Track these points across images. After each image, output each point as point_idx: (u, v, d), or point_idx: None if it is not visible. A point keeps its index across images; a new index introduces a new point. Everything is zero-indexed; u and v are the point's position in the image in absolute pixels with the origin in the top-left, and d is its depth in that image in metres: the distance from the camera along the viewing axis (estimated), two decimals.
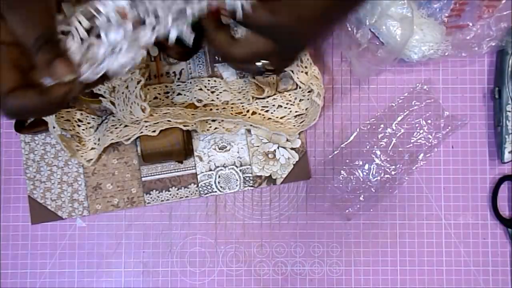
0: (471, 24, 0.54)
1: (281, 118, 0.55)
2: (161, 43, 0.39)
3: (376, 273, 0.56)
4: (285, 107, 0.55)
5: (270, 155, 0.55)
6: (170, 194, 0.56)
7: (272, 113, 0.55)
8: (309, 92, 0.54)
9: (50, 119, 0.51)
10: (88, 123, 0.54)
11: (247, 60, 0.43)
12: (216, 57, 0.55)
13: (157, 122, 0.51)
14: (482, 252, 0.56)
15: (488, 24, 0.53)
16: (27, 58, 0.35)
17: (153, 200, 0.56)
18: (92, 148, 0.55)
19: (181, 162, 0.56)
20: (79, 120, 0.54)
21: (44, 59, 0.35)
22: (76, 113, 0.54)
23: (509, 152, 0.55)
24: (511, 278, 0.55)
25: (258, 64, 0.43)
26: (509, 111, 0.55)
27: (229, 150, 0.55)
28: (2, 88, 0.34)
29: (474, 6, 0.54)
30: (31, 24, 0.34)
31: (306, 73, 0.53)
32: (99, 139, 0.54)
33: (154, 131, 0.51)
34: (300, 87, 0.54)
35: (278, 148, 0.55)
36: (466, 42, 0.54)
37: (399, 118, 0.56)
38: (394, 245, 0.56)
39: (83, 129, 0.54)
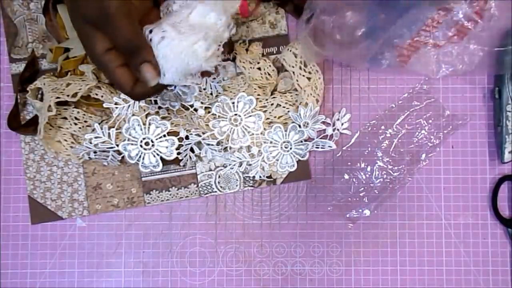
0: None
1: (278, 118, 0.55)
2: None
3: (376, 273, 0.56)
4: (284, 107, 0.55)
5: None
6: (170, 194, 0.56)
7: (270, 112, 0.55)
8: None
9: (40, 123, 0.51)
10: (85, 121, 0.54)
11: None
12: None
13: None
14: (482, 252, 0.56)
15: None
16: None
17: (153, 200, 0.56)
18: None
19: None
20: (76, 118, 0.54)
21: (133, 62, 0.42)
22: (73, 111, 0.54)
23: (509, 152, 0.55)
24: (511, 278, 0.55)
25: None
26: (509, 111, 0.55)
27: (228, 150, 0.55)
28: (126, 88, 0.43)
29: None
30: (120, 33, 0.40)
31: (309, 78, 0.53)
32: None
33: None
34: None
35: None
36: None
37: (399, 119, 0.56)
38: (394, 245, 0.56)
39: (80, 128, 0.54)
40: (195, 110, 0.54)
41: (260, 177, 0.55)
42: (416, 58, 0.54)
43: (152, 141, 0.53)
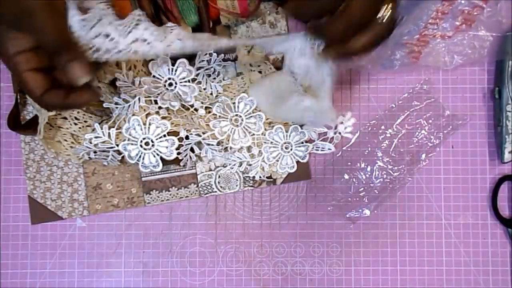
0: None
1: None
2: None
3: (376, 273, 0.56)
4: None
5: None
6: (170, 194, 0.56)
7: None
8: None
9: (40, 123, 0.51)
10: (85, 121, 0.54)
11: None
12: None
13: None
14: (482, 252, 0.56)
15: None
16: (49, 59, 0.38)
17: (153, 200, 0.56)
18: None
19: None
20: (76, 118, 0.54)
21: (59, 62, 0.37)
22: (73, 111, 0.54)
23: (509, 152, 0.55)
24: (511, 278, 0.55)
25: None
26: (509, 111, 0.55)
27: (229, 150, 0.55)
28: (35, 93, 0.39)
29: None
30: (45, 31, 0.36)
31: None
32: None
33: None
34: None
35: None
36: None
37: (399, 119, 0.56)
38: (394, 245, 0.56)
39: (80, 128, 0.54)
40: (196, 110, 0.54)
41: (260, 177, 0.55)
42: (427, 52, 0.54)
43: (152, 141, 0.53)
